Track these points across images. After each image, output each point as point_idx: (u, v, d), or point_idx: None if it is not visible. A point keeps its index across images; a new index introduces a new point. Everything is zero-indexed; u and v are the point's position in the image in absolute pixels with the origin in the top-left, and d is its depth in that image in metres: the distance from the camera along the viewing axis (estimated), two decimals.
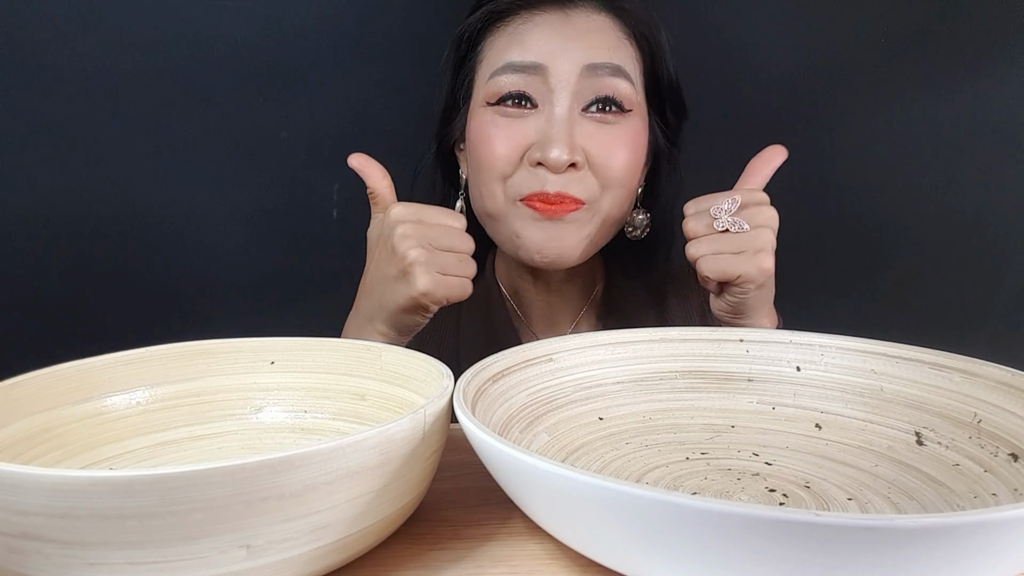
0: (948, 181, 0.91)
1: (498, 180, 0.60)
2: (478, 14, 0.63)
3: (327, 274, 0.88)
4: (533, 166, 0.59)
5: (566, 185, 0.58)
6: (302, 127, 0.85)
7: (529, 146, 0.59)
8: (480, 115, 0.62)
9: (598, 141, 0.59)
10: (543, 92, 0.59)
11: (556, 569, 0.30)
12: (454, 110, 0.67)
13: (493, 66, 0.61)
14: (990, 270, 0.93)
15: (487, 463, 0.30)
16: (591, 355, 0.44)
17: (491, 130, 0.60)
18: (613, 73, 0.59)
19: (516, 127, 0.60)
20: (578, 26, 0.60)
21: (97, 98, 0.80)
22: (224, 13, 0.81)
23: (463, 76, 0.65)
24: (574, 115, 0.59)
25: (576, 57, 0.59)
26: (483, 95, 0.61)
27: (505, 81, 0.60)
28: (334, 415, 0.42)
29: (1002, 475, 0.33)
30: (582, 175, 0.59)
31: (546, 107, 0.59)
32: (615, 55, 0.60)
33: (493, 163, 0.60)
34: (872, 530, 0.21)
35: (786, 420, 0.42)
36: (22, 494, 0.23)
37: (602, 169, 0.59)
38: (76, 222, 0.82)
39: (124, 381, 0.40)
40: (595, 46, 0.59)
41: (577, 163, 0.58)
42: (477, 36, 0.64)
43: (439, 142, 0.69)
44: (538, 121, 0.59)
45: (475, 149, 0.62)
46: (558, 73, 0.59)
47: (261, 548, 0.25)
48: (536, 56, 0.59)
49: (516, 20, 0.61)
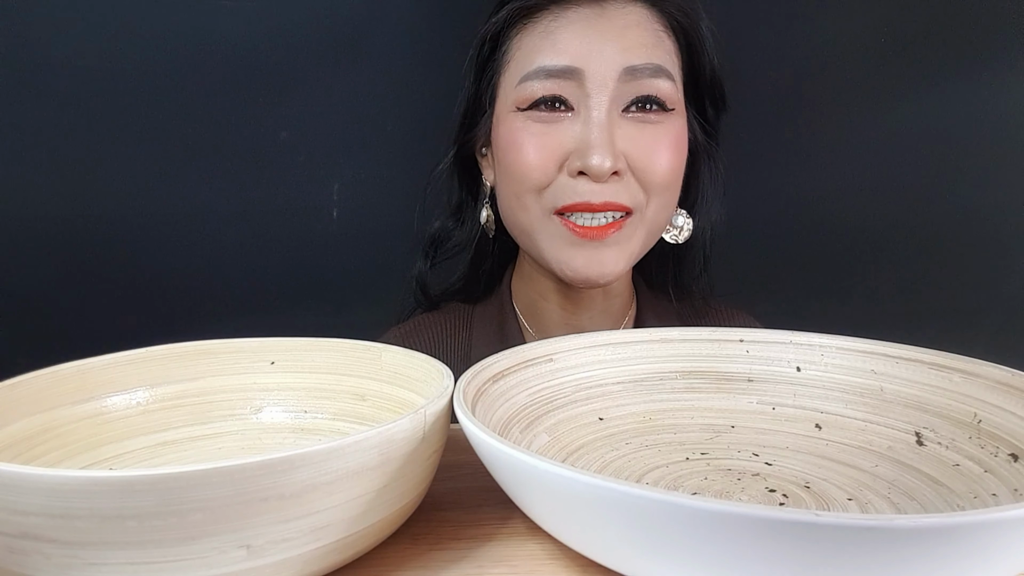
0: (948, 181, 0.91)
1: (532, 192, 0.56)
2: (504, 11, 0.58)
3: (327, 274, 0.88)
4: (574, 176, 0.55)
5: (613, 195, 0.54)
6: (302, 127, 0.85)
7: (566, 154, 0.55)
8: (510, 121, 0.57)
9: (640, 144, 0.55)
10: (579, 96, 0.55)
11: (556, 569, 0.30)
12: (478, 113, 0.62)
13: (523, 69, 0.56)
14: (990, 270, 0.93)
15: (487, 463, 0.30)
16: (591, 355, 0.44)
17: (523, 138, 0.56)
18: (654, 74, 0.55)
19: (551, 134, 0.55)
20: (614, 20, 0.55)
21: (97, 98, 0.81)
22: (223, 13, 0.81)
23: (488, 77, 0.61)
24: (613, 118, 0.55)
25: (613, 59, 0.54)
26: (513, 100, 0.57)
27: (537, 87, 0.55)
28: (334, 415, 0.42)
29: (1002, 475, 0.33)
30: (625, 182, 0.55)
31: (583, 111, 0.55)
32: (654, 54, 0.56)
33: (527, 173, 0.56)
34: (872, 530, 0.21)
35: (786, 420, 0.42)
36: (22, 494, 0.23)
37: (645, 174, 0.56)
38: (76, 222, 0.82)
39: (124, 381, 0.40)
40: (633, 46, 0.55)
41: (620, 170, 0.54)
42: (503, 35, 0.59)
43: (459, 147, 0.64)
44: (575, 126, 0.55)
45: (505, 157, 0.58)
46: (595, 77, 0.54)
47: (261, 548, 0.25)
48: (571, 59, 0.55)
49: (546, 16, 0.56)
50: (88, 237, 0.83)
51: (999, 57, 0.88)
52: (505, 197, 0.60)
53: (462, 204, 0.68)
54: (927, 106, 0.89)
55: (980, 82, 0.88)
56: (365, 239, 0.88)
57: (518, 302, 0.68)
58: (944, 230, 0.92)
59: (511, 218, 0.60)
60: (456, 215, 0.68)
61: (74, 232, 0.82)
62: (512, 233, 0.62)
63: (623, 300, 0.66)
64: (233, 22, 0.82)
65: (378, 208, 0.87)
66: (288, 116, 0.85)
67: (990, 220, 0.91)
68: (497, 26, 0.59)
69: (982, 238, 0.92)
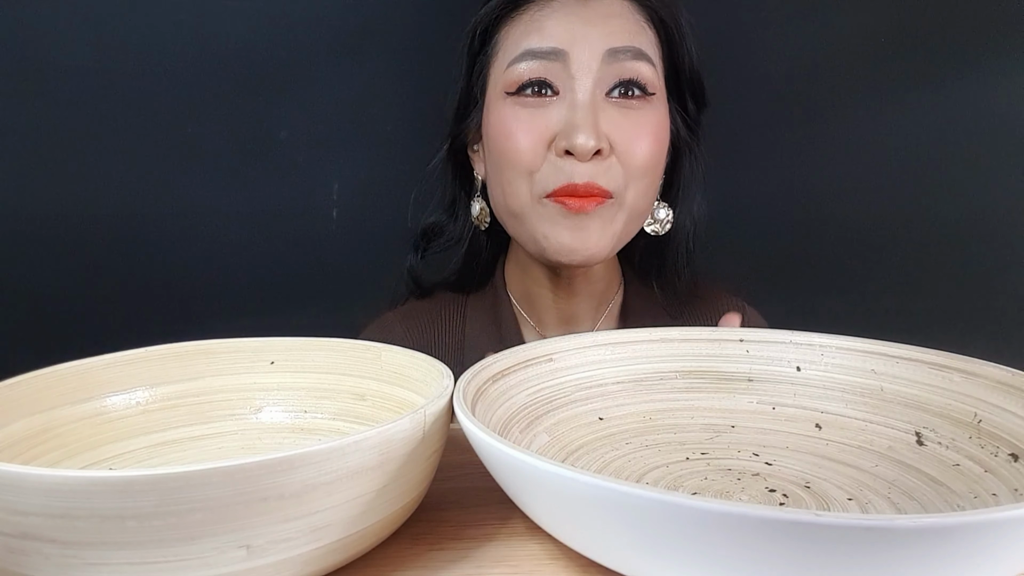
0: (948, 181, 0.91)
1: (523, 176, 0.58)
2: (492, 4, 0.61)
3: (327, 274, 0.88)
4: (560, 156, 0.56)
5: (594, 176, 0.56)
6: (302, 127, 0.85)
7: (553, 135, 0.57)
8: (499, 107, 0.60)
9: (622, 128, 0.57)
10: (564, 78, 0.57)
11: (556, 569, 0.30)
12: (470, 105, 0.64)
13: (511, 55, 0.59)
14: (990, 270, 0.93)
15: (487, 463, 0.30)
16: (591, 355, 0.44)
17: (512, 123, 0.58)
18: (635, 57, 0.58)
19: (538, 117, 0.58)
20: (597, 10, 0.58)
21: (97, 98, 0.81)
22: (224, 13, 0.81)
23: (479, 69, 0.63)
24: (597, 100, 0.57)
25: (597, 42, 0.57)
26: (501, 85, 0.59)
27: (524, 68, 0.58)
28: (334, 415, 0.42)
29: (1002, 475, 0.33)
30: (608, 164, 0.57)
31: (568, 94, 0.57)
32: (636, 39, 0.58)
33: (518, 158, 0.58)
34: (872, 530, 0.21)
35: (786, 420, 0.42)
36: (22, 494, 0.23)
37: (627, 156, 0.58)
38: (76, 222, 0.82)
39: (124, 381, 0.40)
40: (615, 31, 0.58)
41: (603, 150, 0.56)
42: (492, 27, 0.62)
43: (452, 140, 0.66)
44: (560, 109, 0.57)
45: (495, 144, 0.60)
46: (579, 59, 0.57)
47: (261, 548, 0.25)
48: (556, 42, 0.57)
49: (532, 8, 0.59)
50: (88, 237, 0.83)
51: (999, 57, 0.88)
52: (497, 184, 0.61)
53: (455, 199, 0.69)
54: (927, 106, 0.89)
55: (980, 82, 0.88)
56: (365, 239, 0.88)
57: (512, 289, 0.69)
58: (944, 230, 0.92)
59: (502, 204, 0.62)
60: (449, 210, 0.70)
61: (74, 232, 0.82)
62: (503, 220, 0.63)
63: (607, 283, 0.68)
64: (233, 22, 0.82)
65: (378, 208, 0.87)
66: (288, 116, 0.85)
67: (990, 220, 0.91)
68: (486, 19, 0.61)
69: (982, 238, 0.92)
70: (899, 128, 0.90)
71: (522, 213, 0.59)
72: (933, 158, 0.90)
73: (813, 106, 0.90)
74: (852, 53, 0.88)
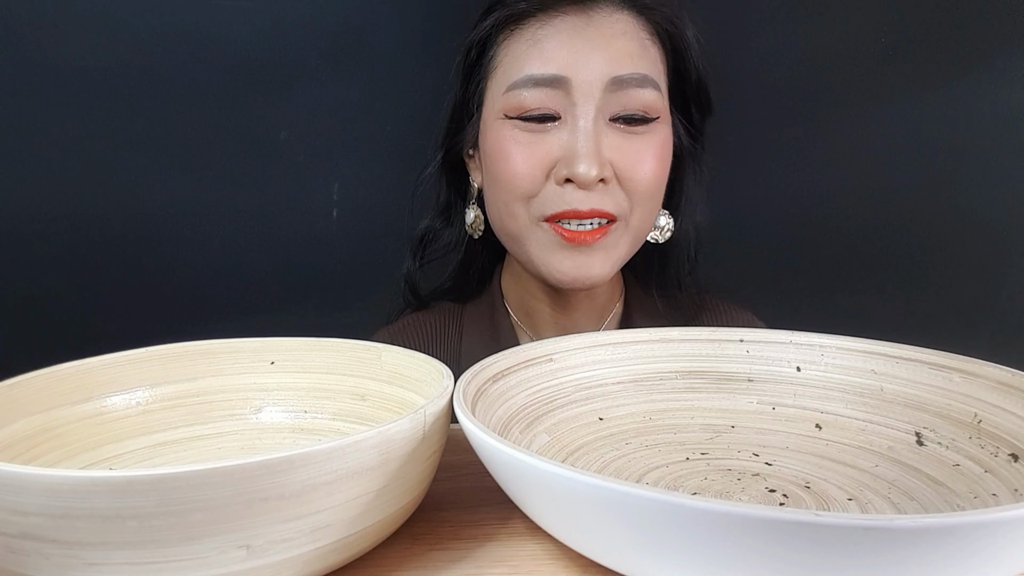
0: (948, 181, 0.91)
1: (520, 200, 0.57)
2: (491, 18, 0.59)
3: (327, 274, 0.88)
4: (561, 184, 0.55)
5: (598, 202, 0.55)
6: (302, 127, 0.85)
7: (553, 162, 0.56)
8: (497, 128, 0.58)
9: (625, 153, 0.56)
10: (566, 105, 0.56)
11: (556, 569, 0.30)
12: (465, 118, 0.63)
13: (511, 77, 0.57)
14: (990, 270, 0.93)
15: (487, 463, 0.30)
16: (591, 355, 0.44)
17: (511, 146, 0.57)
18: (639, 84, 0.56)
19: (538, 143, 0.56)
20: (601, 29, 0.56)
21: (96, 98, 0.81)
22: (223, 13, 0.81)
23: (476, 81, 0.62)
24: (599, 126, 0.56)
25: (600, 68, 0.55)
26: (501, 107, 0.58)
27: (526, 96, 0.56)
28: (334, 415, 0.42)
29: (1002, 475, 0.33)
30: (611, 189, 0.56)
31: (569, 119, 0.56)
32: (640, 63, 0.56)
33: (516, 183, 0.56)
34: (872, 530, 0.21)
35: (786, 420, 0.42)
36: (22, 494, 0.23)
37: (630, 183, 0.56)
38: (76, 222, 0.82)
39: (124, 381, 0.40)
40: (619, 55, 0.56)
41: (606, 178, 0.55)
42: (490, 39, 0.60)
43: (446, 151, 0.65)
44: (561, 135, 0.56)
45: (493, 165, 0.59)
46: (581, 86, 0.55)
47: (261, 548, 0.25)
48: (558, 68, 0.55)
49: (533, 24, 0.57)
50: (88, 237, 0.83)
51: (999, 57, 0.88)
52: (494, 204, 0.60)
53: (450, 205, 0.68)
54: (927, 106, 0.89)
55: (980, 83, 0.88)
56: (365, 239, 0.88)
57: (509, 300, 0.68)
58: (944, 230, 0.92)
59: (500, 225, 0.61)
60: (444, 215, 0.69)
61: (74, 232, 0.82)
62: (501, 239, 0.63)
63: (608, 297, 0.68)
64: (233, 22, 0.82)
65: (378, 208, 0.87)
66: (288, 116, 0.85)
67: (990, 221, 0.91)
68: (484, 32, 0.60)
69: (982, 238, 0.92)
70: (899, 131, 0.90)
71: (520, 235, 0.58)
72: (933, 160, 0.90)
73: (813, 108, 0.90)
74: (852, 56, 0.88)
